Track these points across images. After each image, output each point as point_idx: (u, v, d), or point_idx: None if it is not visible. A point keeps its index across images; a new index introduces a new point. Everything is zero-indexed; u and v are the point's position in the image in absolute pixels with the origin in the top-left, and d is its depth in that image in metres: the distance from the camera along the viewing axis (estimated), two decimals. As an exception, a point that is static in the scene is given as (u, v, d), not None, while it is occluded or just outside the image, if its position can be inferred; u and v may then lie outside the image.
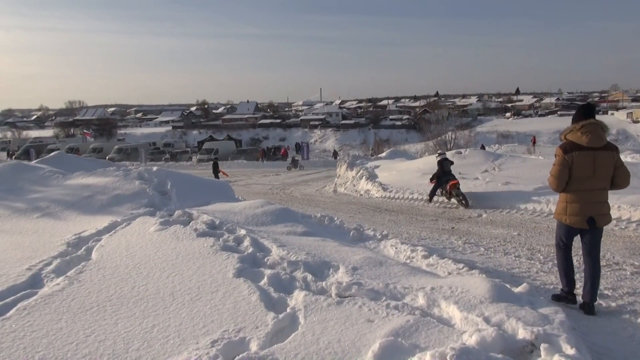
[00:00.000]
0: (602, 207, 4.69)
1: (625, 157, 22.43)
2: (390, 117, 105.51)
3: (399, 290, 4.26)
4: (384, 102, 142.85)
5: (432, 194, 12.96)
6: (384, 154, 31.27)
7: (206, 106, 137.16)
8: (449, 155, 17.13)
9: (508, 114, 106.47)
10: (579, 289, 5.13)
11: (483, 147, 37.74)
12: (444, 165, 13.08)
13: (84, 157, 16.40)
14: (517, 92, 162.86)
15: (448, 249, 7.40)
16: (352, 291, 4.26)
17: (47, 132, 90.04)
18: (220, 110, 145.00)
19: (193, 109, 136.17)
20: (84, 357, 3.36)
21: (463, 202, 12.03)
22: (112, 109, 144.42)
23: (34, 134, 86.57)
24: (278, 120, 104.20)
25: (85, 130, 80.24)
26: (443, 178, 12.85)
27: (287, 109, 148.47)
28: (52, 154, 13.51)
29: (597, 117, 4.85)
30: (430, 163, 18.73)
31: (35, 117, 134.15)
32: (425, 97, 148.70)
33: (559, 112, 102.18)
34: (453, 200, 12.47)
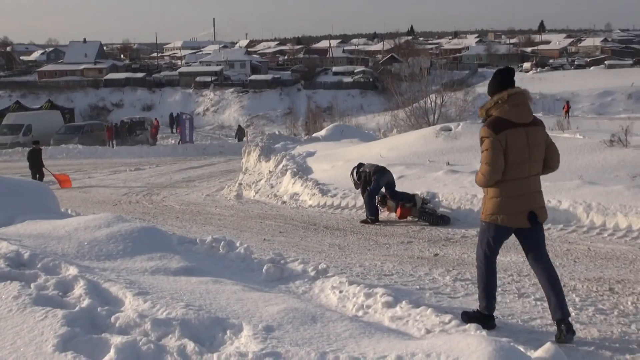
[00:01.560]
0: (541, 198, 5.97)
1: None
2: (335, 68, 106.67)
3: (343, 364, 4.30)
4: (324, 43, 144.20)
5: (373, 212, 13.18)
6: (323, 132, 31.63)
7: (8, 49, 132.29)
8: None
9: (527, 65, 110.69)
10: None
11: (487, 120, 38.80)
12: (366, 175, 13.43)
13: None
14: (542, 29, 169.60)
15: (428, 291, 7.55)
16: (264, 368, 4.25)
17: None
18: (34, 56, 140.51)
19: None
20: None
21: (435, 222, 12.36)
22: None
23: None
24: (139, 75, 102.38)
25: None
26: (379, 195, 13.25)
27: (155, 53, 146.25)
28: None
29: None
30: (400, 147, 19.13)
31: None
32: (391, 35, 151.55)
33: (606, 62, 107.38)
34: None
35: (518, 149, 5.72)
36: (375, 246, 10.72)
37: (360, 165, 13.93)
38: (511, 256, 9.41)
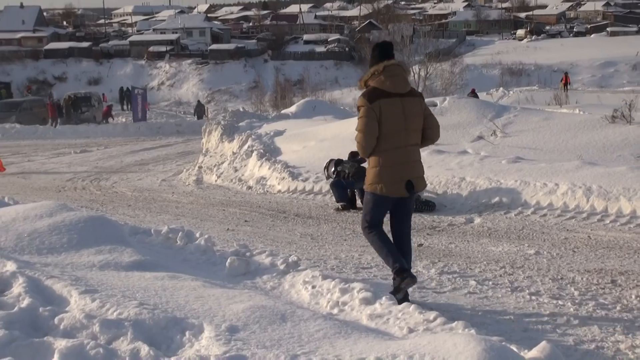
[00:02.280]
0: (419, 168, 6.88)
1: None
2: (306, 37, 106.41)
3: (316, 367, 4.32)
4: (293, 8, 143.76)
5: (342, 196, 13.23)
6: (293, 109, 31.50)
7: None
8: None
9: (521, 32, 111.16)
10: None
11: (475, 94, 39.12)
12: (345, 175, 13.47)
13: None
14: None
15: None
16: (227, 373, 4.25)
17: None
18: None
19: None
20: None
21: (419, 208, 12.41)
22: None
23: None
24: (84, 44, 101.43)
25: None
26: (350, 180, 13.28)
27: (102, 20, 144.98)
28: None
29: None
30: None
31: None
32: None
33: (609, 29, 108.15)
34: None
35: (393, 118, 6.51)
36: (352, 236, 10.73)
37: (340, 162, 13.79)
38: (503, 246, 9.49)
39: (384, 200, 6.72)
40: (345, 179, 13.26)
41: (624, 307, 6.66)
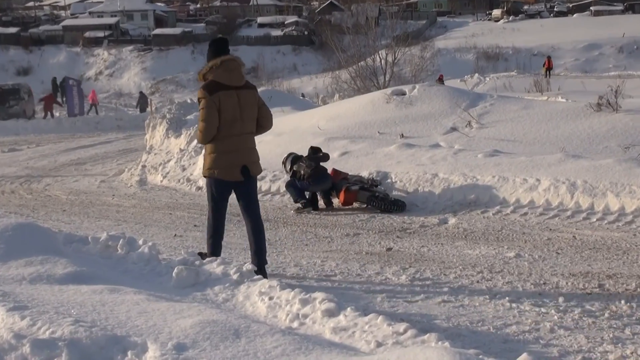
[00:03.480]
0: (253, 154, 8.23)
1: None
2: (261, 19, 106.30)
3: (274, 388, 4.31)
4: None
5: (300, 194, 13.24)
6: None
7: None
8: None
9: (497, 12, 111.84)
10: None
11: (441, 81, 39.33)
12: (301, 176, 13.43)
13: None
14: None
15: (378, 295, 7.59)
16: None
17: None
18: None
19: None
20: None
21: (387, 209, 12.44)
22: None
23: None
24: (12, 30, 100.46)
25: None
26: (315, 185, 13.25)
27: (32, 2, 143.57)
28: None
29: None
30: (343, 117, 19.18)
31: None
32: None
33: (592, 8, 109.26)
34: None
35: (230, 109, 7.90)
36: (315, 240, 10.72)
37: (298, 158, 13.69)
38: (480, 249, 9.53)
39: (221, 184, 8.10)
40: (300, 181, 13.21)
41: (612, 313, 6.72)
